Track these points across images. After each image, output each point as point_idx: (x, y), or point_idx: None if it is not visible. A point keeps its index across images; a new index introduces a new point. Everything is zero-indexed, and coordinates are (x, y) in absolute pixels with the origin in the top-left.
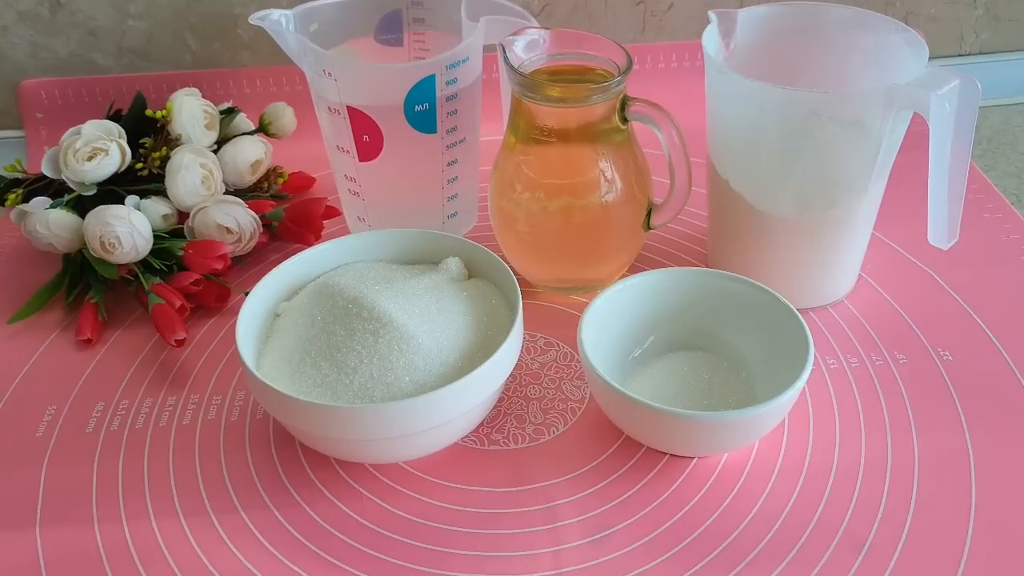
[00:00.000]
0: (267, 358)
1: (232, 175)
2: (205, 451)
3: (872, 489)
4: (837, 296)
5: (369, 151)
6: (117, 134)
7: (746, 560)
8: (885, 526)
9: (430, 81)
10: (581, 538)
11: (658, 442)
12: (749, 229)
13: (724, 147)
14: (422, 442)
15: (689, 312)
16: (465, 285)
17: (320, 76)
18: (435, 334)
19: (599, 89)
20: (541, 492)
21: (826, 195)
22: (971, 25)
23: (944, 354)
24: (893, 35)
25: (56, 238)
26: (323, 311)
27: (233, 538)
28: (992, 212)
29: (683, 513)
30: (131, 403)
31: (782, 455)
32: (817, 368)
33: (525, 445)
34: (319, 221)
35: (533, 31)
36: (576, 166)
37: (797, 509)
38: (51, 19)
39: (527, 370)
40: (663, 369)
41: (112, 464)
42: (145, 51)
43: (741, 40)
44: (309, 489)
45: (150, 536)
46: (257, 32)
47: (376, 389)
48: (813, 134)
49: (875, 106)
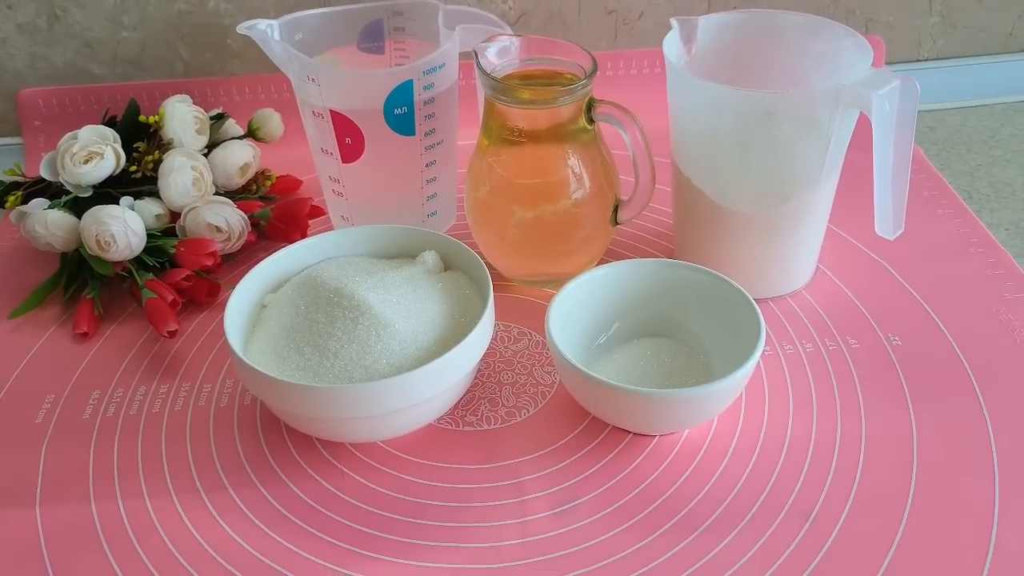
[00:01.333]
0: (254, 345)
1: (222, 177)
2: (196, 434)
3: (821, 463)
4: (795, 286)
5: (351, 153)
6: (112, 139)
7: (701, 528)
8: (831, 497)
9: (408, 86)
10: (547, 510)
11: (620, 420)
12: (711, 223)
13: (685, 146)
14: (399, 421)
15: (651, 301)
16: (440, 277)
17: (304, 82)
18: (411, 321)
19: (566, 92)
20: (511, 469)
21: (781, 190)
22: (928, 32)
23: (894, 339)
24: (843, 40)
25: (54, 237)
26: (306, 301)
27: (223, 514)
28: (945, 208)
29: (643, 487)
30: (126, 391)
31: (738, 434)
32: (774, 353)
33: (497, 426)
34: (305, 220)
35: (505, 38)
36: (546, 165)
37: (750, 482)
38: (49, 31)
39: (500, 357)
40: (627, 354)
41: (108, 447)
42: (139, 61)
43: (702, 45)
44: (294, 468)
45: (144, 513)
46: (245, 42)
47: (356, 371)
48: (768, 132)
49: (824, 105)
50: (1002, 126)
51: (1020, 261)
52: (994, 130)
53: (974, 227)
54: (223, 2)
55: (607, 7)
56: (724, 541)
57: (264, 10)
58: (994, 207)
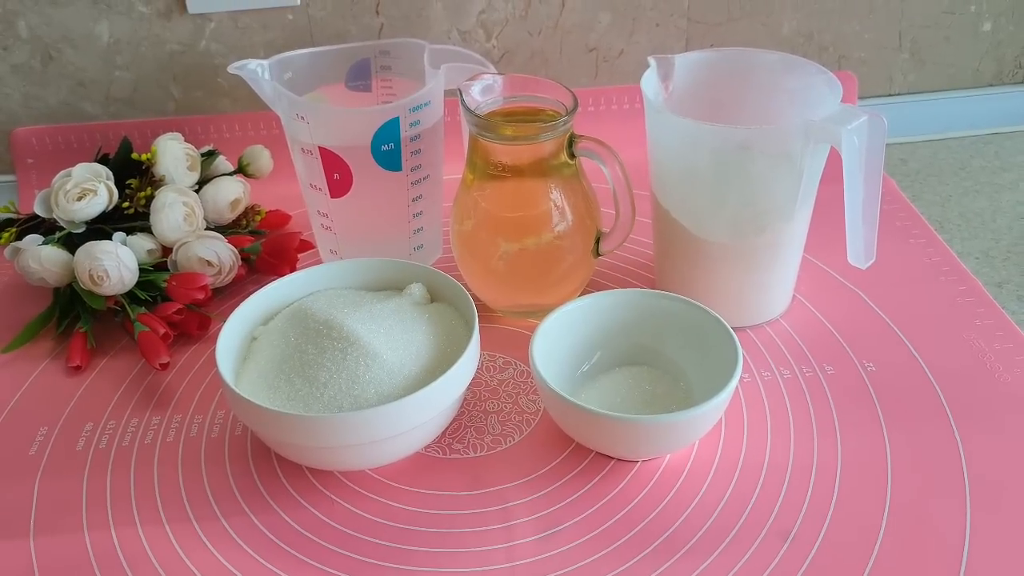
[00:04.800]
0: (245, 376)
1: (213, 213)
2: (187, 464)
3: (798, 485)
4: (773, 315)
5: (340, 188)
6: (105, 176)
7: (683, 550)
8: (809, 518)
9: (395, 123)
10: (533, 534)
11: (603, 446)
12: (690, 254)
13: (664, 179)
14: (387, 449)
15: (632, 330)
16: (427, 308)
17: (294, 120)
18: (398, 351)
19: (548, 128)
20: (497, 495)
21: (756, 221)
22: (899, 68)
23: (869, 365)
24: (814, 77)
25: (48, 272)
26: (296, 333)
27: (214, 542)
28: (917, 237)
29: (626, 511)
30: (118, 423)
31: (718, 458)
32: (752, 380)
33: (483, 454)
34: (294, 254)
35: (488, 76)
36: (529, 199)
37: (730, 505)
38: (43, 71)
39: (486, 387)
40: (609, 382)
41: (100, 478)
42: (131, 100)
43: (679, 82)
44: (284, 496)
45: (136, 542)
46: (235, 81)
47: (344, 401)
48: (743, 166)
49: (796, 140)
50: (971, 158)
51: (990, 289)
52: (964, 162)
53: (945, 256)
54: (213, 42)
55: (588, 45)
56: (706, 562)
57: (254, 50)
58: (964, 236)
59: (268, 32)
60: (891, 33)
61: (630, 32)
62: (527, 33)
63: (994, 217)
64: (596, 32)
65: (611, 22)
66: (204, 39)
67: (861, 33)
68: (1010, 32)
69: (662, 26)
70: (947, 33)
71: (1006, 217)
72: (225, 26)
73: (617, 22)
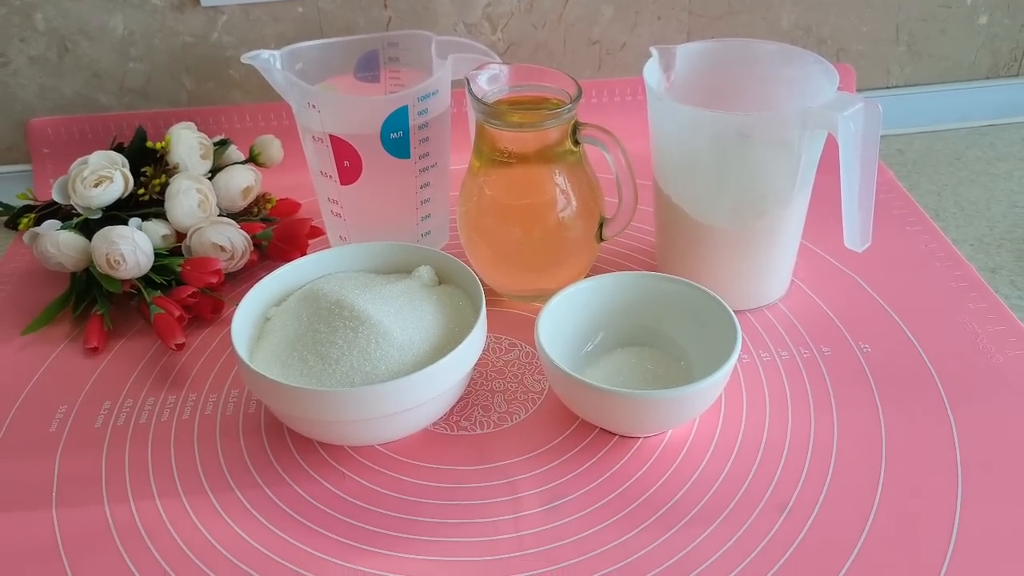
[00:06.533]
0: (259, 354)
1: (225, 200)
2: (203, 440)
3: (795, 461)
4: (771, 298)
5: (349, 175)
6: (121, 163)
7: (683, 520)
8: (805, 492)
9: (403, 112)
10: (538, 506)
11: (607, 422)
12: (690, 239)
13: (665, 166)
14: (397, 425)
15: (634, 311)
16: (435, 290)
17: (305, 108)
18: (408, 330)
19: (553, 115)
20: (503, 469)
21: (755, 206)
22: (896, 60)
23: (864, 347)
24: (811, 66)
25: (65, 257)
26: (309, 313)
27: (230, 513)
28: (913, 225)
29: (629, 484)
30: (135, 401)
31: (717, 435)
32: (751, 361)
33: (490, 430)
34: (304, 240)
35: (495, 66)
36: (534, 185)
37: (729, 479)
38: (59, 63)
39: (493, 367)
40: (612, 362)
41: (119, 453)
42: (145, 91)
43: (681, 72)
44: (296, 470)
45: (155, 513)
46: (247, 72)
47: (356, 377)
48: (743, 153)
49: (794, 126)
50: (967, 149)
51: (983, 274)
52: (959, 152)
53: (941, 243)
54: (225, 35)
55: (591, 38)
56: (705, 532)
57: (264, 43)
58: (959, 224)
59: (279, 24)
60: (888, 26)
61: (632, 25)
62: (532, 26)
63: (988, 206)
64: (599, 25)
65: (614, 15)
66: (216, 31)
67: (859, 26)
68: (1005, 26)
69: (664, 19)
70: (943, 26)
71: (1000, 205)
72: (237, 18)
73: (620, 15)
